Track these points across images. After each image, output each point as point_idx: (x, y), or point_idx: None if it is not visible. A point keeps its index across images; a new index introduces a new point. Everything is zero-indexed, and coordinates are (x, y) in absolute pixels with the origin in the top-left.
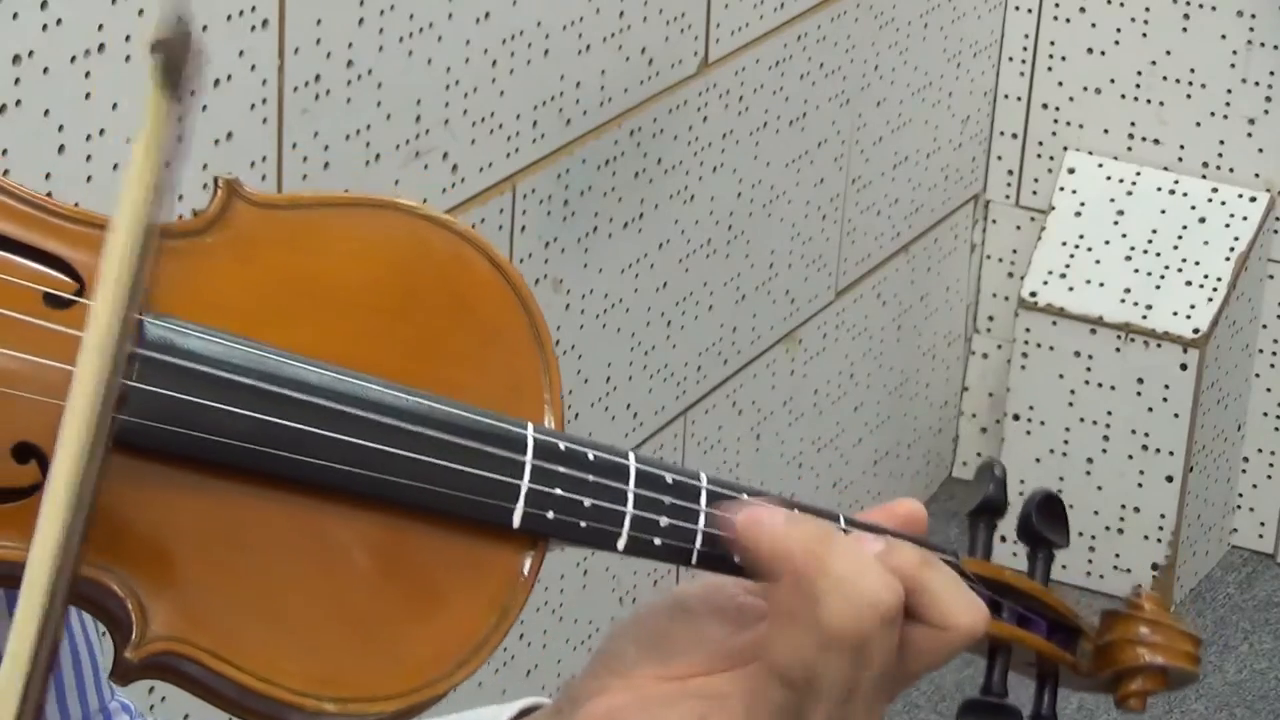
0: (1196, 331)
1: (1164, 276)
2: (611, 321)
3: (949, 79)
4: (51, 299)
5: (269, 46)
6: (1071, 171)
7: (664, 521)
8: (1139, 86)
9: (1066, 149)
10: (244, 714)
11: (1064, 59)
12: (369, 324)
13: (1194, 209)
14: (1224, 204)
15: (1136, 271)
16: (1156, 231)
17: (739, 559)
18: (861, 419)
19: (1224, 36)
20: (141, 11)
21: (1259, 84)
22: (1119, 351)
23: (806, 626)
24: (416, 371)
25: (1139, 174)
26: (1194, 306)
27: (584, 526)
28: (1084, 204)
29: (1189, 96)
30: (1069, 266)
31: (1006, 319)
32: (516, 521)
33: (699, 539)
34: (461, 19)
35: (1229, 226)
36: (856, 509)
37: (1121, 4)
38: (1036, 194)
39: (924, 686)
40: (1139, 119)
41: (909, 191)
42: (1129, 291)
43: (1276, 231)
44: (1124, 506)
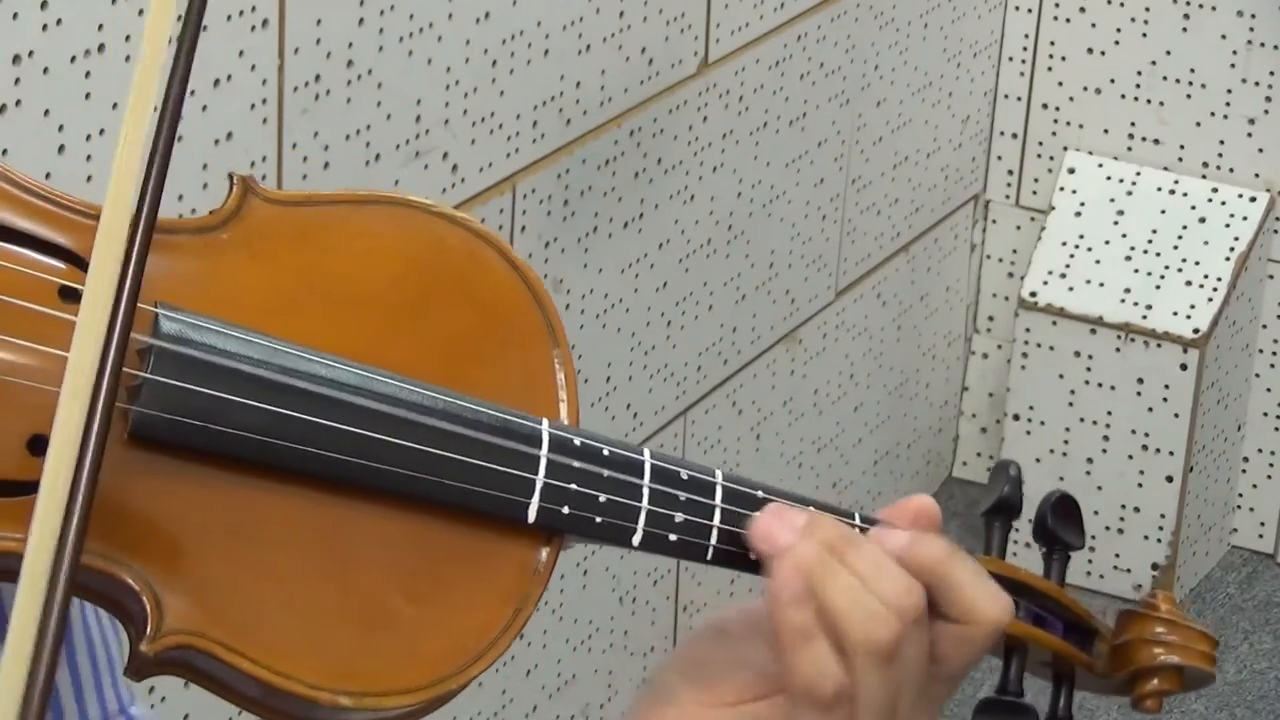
0: (1196, 331)
1: (1164, 276)
2: (611, 321)
3: (949, 79)
4: (66, 291)
5: (269, 46)
6: (1071, 171)
7: (679, 517)
8: (1139, 86)
9: (1066, 149)
10: (260, 709)
11: (1064, 59)
12: (384, 320)
13: (1194, 209)
14: (1224, 204)
15: (1136, 271)
16: (1156, 231)
17: (755, 556)
18: (861, 419)
19: (1224, 36)
20: (141, 11)
21: (1259, 84)
22: (1119, 351)
23: (825, 641)
24: (431, 367)
25: (1139, 174)
26: (1194, 306)
27: (599, 522)
28: (1084, 204)
29: (1189, 96)
30: (1069, 266)
31: (1006, 319)
32: (532, 516)
33: (714, 535)
34: (461, 19)
35: (1229, 226)
36: (857, 509)
37: (1121, 4)
38: (1036, 194)
39: None
40: (1139, 119)
41: (909, 191)
42: (1129, 291)
43: (1276, 231)
44: (1124, 506)
